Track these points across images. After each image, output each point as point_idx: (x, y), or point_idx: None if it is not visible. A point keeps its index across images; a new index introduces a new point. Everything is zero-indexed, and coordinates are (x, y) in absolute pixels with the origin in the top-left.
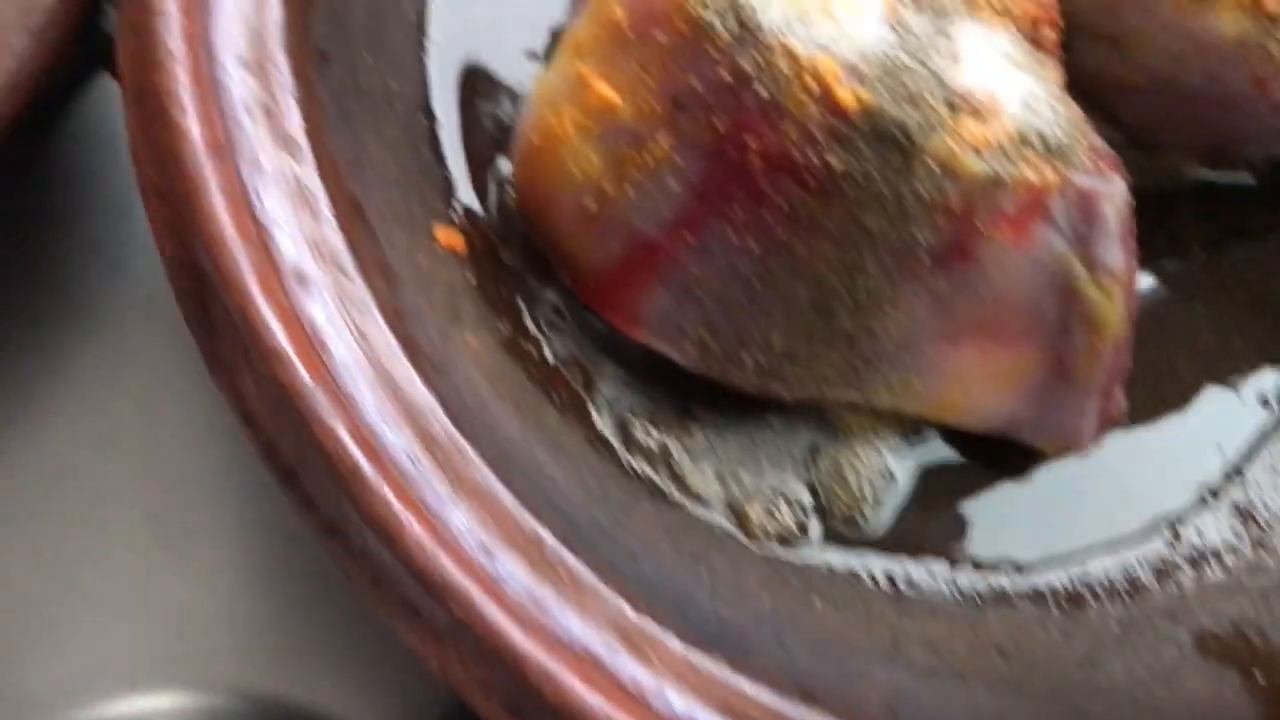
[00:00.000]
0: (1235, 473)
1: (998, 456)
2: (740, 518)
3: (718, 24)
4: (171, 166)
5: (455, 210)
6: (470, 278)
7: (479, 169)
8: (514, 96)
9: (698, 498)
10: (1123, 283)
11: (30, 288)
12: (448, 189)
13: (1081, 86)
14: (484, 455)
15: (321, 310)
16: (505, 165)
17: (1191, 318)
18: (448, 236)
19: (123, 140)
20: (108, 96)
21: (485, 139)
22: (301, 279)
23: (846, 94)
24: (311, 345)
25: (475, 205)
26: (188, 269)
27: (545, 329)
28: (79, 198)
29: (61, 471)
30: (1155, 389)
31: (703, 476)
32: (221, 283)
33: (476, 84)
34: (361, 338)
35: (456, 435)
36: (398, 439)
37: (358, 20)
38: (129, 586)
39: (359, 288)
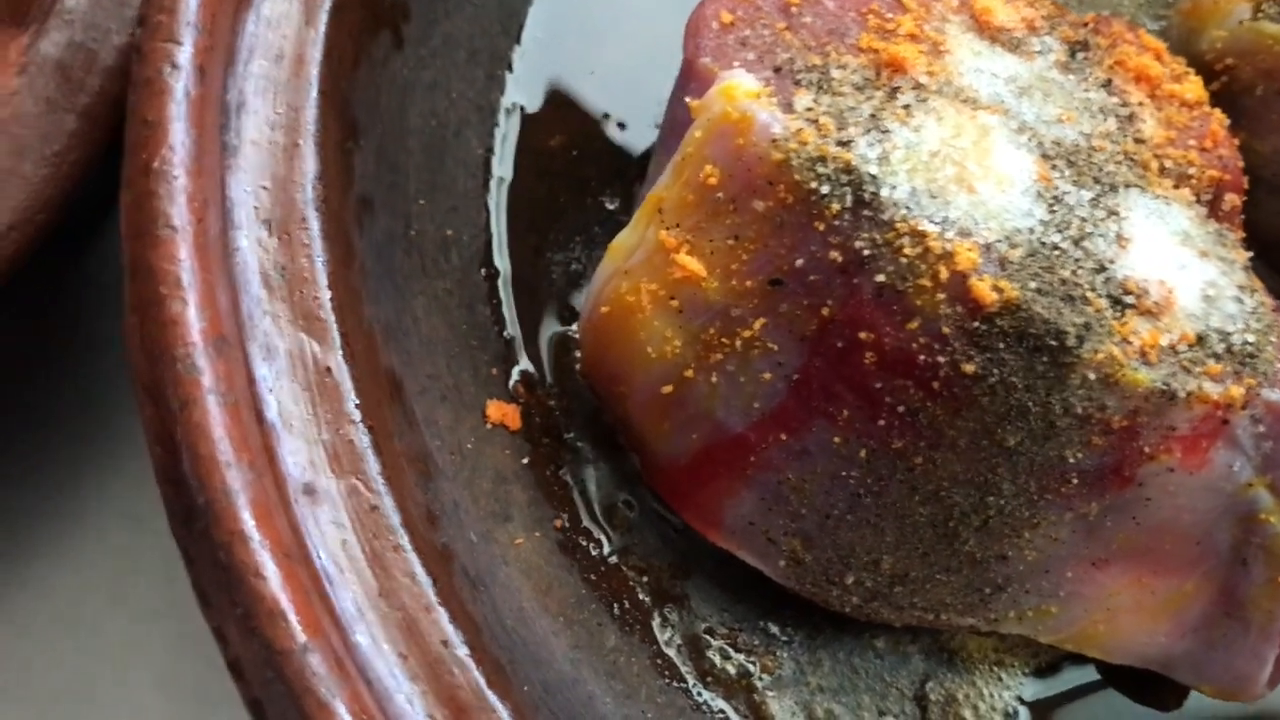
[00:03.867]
0: None
1: (1145, 695)
2: None
3: (829, 193)
4: (162, 363)
5: (511, 378)
6: (523, 459)
7: (542, 330)
8: (587, 244)
9: None
10: None
11: (52, 419)
12: (505, 353)
13: (1263, 246)
14: (515, 709)
15: (332, 538)
16: (574, 326)
17: None
18: (499, 411)
19: None
20: None
21: (551, 294)
22: (312, 494)
23: (985, 288)
24: (314, 586)
25: (535, 372)
26: (175, 485)
27: (608, 522)
28: (106, 322)
29: (70, 624)
30: None
31: (789, 711)
32: (208, 509)
33: (545, 228)
34: (378, 567)
35: (484, 690)
36: (414, 699)
37: (413, 158)
38: None
39: (381, 498)
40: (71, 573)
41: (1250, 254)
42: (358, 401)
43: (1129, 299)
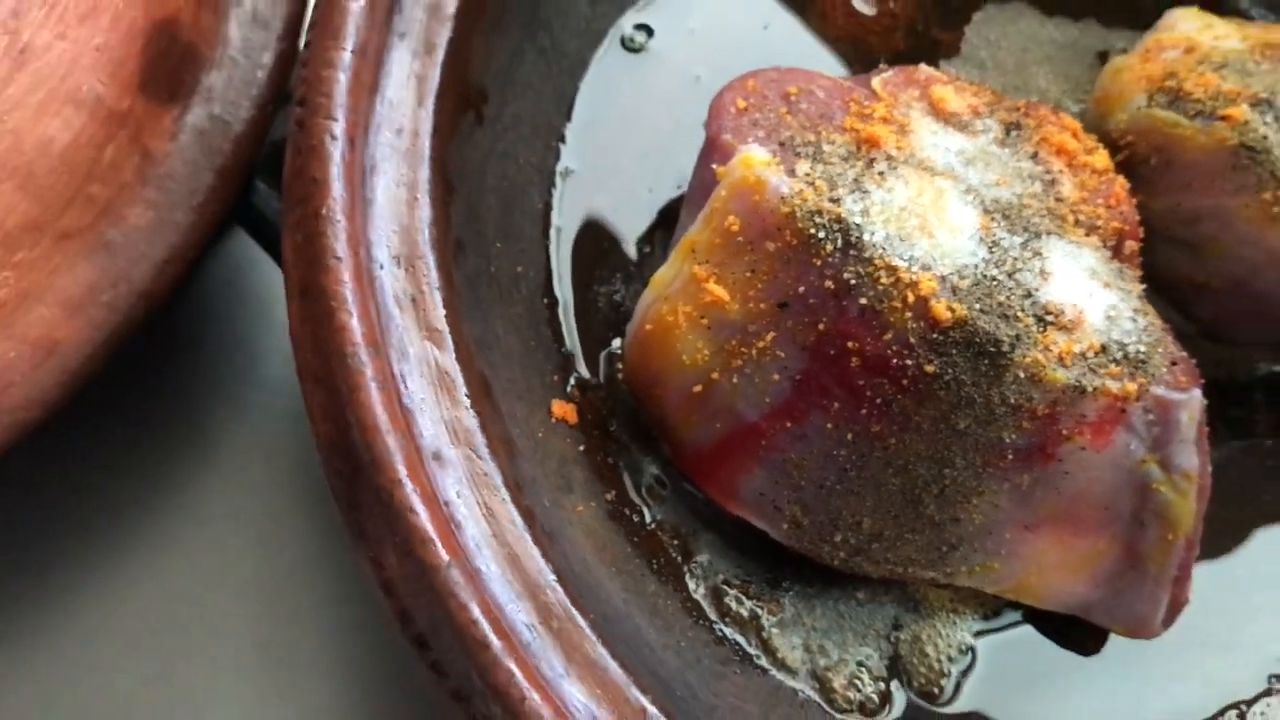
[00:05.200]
0: None
1: (1071, 636)
2: (825, 687)
3: (824, 238)
4: (334, 359)
5: (569, 384)
6: (580, 447)
7: (592, 346)
8: (626, 279)
9: (785, 666)
10: (1196, 483)
11: (159, 423)
12: (564, 364)
13: (1159, 284)
14: (593, 624)
15: (455, 490)
16: (616, 343)
17: (1262, 505)
18: (561, 409)
19: (252, 289)
20: (241, 249)
21: (598, 318)
22: (440, 460)
23: (942, 307)
24: (448, 524)
25: (587, 379)
26: (342, 451)
27: (647, 497)
28: (208, 340)
29: (180, 602)
30: (1224, 576)
31: (790, 645)
32: (373, 465)
33: (592, 266)
34: (489, 514)
35: (570, 607)
36: (519, 612)
37: (491, 211)
38: (239, 714)
39: (488, 465)
40: (179, 558)
41: (1144, 286)
42: (467, 392)
43: (1050, 317)
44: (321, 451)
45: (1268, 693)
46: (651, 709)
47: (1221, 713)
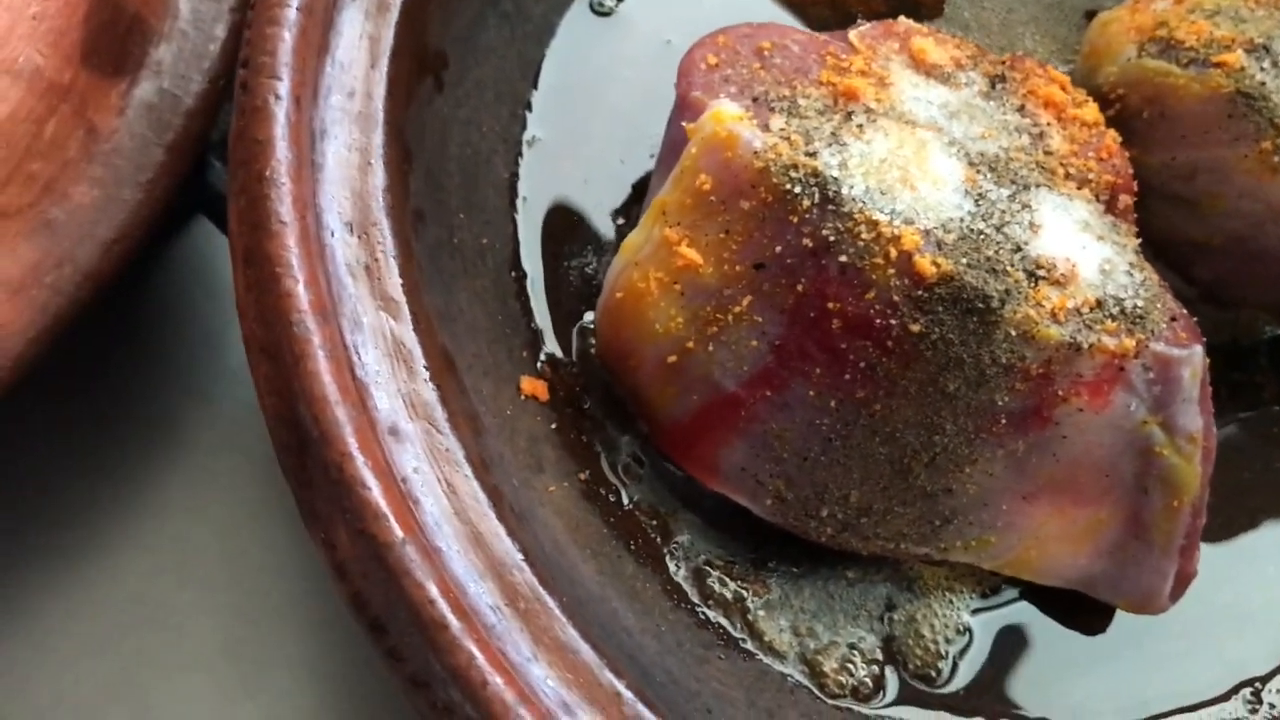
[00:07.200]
0: None
1: (1074, 613)
2: (815, 671)
3: (800, 193)
4: (279, 327)
5: (539, 359)
6: (551, 425)
7: (563, 320)
8: (598, 251)
9: (772, 649)
10: (1201, 446)
11: (121, 415)
12: (533, 339)
13: (1156, 245)
14: (563, 606)
15: (413, 465)
16: (588, 316)
17: (1270, 473)
18: (531, 385)
19: (215, 277)
20: (203, 236)
21: (569, 291)
22: (396, 434)
23: (926, 262)
24: (404, 500)
25: (558, 354)
26: (289, 424)
27: (623, 476)
28: (170, 330)
29: (141, 600)
30: (1233, 548)
31: (777, 628)
32: (321, 439)
33: (562, 239)
34: (450, 491)
35: (538, 587)
36: (482, 593)
37: (453, 179)
38: (205, 715)
39: (449, 440)
40: (141, 555)
41: (1140, 240)
42: (426, 365)
43: (1041, 272)
44: (269, 425)
45: None
46: (626, 693)
47: (1235, 690)
